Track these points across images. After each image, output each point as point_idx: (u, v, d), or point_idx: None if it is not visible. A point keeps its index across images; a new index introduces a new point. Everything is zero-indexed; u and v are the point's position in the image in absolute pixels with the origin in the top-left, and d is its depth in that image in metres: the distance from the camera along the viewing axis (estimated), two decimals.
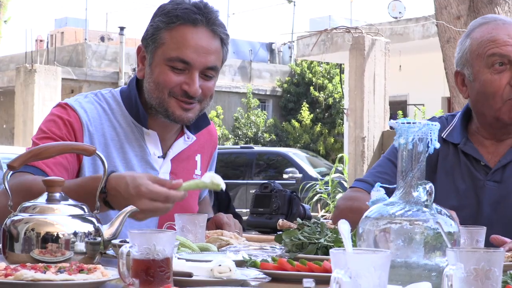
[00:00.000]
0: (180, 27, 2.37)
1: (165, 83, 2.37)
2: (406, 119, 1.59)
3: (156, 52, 2.39)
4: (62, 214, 1.83)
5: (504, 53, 2.37)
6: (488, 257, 1.30)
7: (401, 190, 1.57)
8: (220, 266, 1.65)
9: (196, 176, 2.61)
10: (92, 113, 2.43)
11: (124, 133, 2.46)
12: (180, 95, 2.38)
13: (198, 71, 2.37)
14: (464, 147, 2.49)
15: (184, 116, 2.41)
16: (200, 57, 2.36)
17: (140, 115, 2.45)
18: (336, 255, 1.26)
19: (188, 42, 2.36)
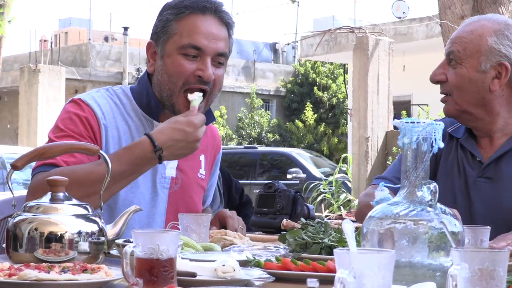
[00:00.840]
0: (190, 16, 2.43)
1: (179, 72, 2.41)
2: (410, 119, 1.59)
3: (168, 43, 2.44)
4: (66, 214, 1.83)
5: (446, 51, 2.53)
6: (493, 257, 1.30)
7: (405, 190, 1.57)
8: (224, 266, 1.65)
9: (200, 175, 2.62)
10: (105, 107, 2.46)
11: (135, 126, 2.49)
12: (193, 82, 2.41)
13: (210, 57, 2.41)
14: (464, 141, 2.54)
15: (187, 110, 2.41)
16: (211, 43, 2.41)
17: (152, 107, 2.48)
18: (340, 255, 1.26)
19: (199, 29, 2.42)
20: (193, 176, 2.60)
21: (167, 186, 2.51)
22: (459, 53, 2.46)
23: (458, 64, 2.47)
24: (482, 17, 2.54)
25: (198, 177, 2.62)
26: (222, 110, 24.64)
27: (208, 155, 2.70)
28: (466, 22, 2.54)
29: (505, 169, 2.45)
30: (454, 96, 2.48)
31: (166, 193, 2.51)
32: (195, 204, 2.61)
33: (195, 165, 2.62)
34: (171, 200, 2.52)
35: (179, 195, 2.54)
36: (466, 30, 2.49)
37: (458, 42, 2.48)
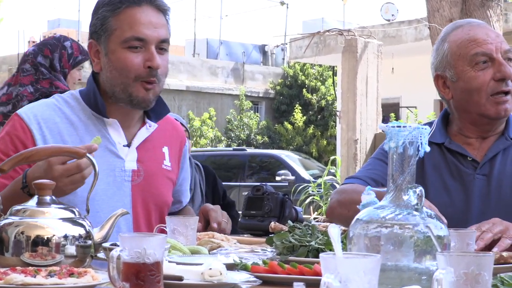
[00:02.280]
0: (126, 10, 2.47)
1: (128, 67, 2.44)
2: (396, 123, 1.59)
3: (110, 39, 2.47)
4: (53, 217, 1.83)
5: (486, 51, 2.48)
6: (478, 261, 1.31)
7: (391, 194, 1.57)
8: (210, 270, 1.66)
9: (165, 167, 2.64)
10: (44, 114, 2.48)
11: (85, 126, 2.50)
12: (145, 76, 2.45)
13: (153, 46, 2.46)
14: (449, 145, 2.57)
15: (146, 97, 2.47)
16: (152, 31, 2.46)
17: (99, 105, 2.50)
18: (326, 259, 1.26)
19: (138, 20, 2.45)
20: (157, 167, 2.60)
21: (129, 179, 2.51)
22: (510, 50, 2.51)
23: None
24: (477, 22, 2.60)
25: (163, 169, 2.62)
26: (211, 112, 24.62)
27: (173, 147, 2.71)
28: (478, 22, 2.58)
29: (499, 165, 2.52)
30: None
31: (129, 186, 2.51)
32: (163, 195, 2.62)
33: (157, 157, 2.62)
34: (136, 193, 2.52)
35: (144, 187, 2.54)
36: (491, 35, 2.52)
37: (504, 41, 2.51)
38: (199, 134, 23.81)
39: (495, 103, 2.47)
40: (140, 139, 2.57)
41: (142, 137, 2.58)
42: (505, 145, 2.54)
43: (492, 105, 2.47)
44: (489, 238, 2.08)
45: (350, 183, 2.59)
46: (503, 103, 2.47)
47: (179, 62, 25.64)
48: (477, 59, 2.48)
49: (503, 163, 2.52)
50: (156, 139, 2.63)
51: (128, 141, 2.55)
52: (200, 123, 23.99)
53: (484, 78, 2.47)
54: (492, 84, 2.46)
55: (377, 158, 2.64)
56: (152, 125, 2.60)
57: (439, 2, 8.67)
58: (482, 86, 2.47)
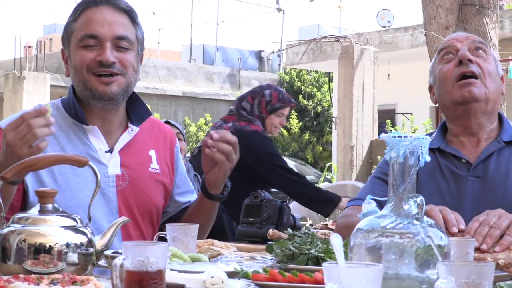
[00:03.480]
0: (84, 12, 2.51)
1: (81, 62, 2.47)
2: (397, 133, 1.61)
3: (70, 43, 2.52)
4: (55, 225, 1.84)
5: (450, 46, 2.64)
6: (479, 270, 1.32)
7: (392, 203, 1.58)
8: (212, 278, 1.66)
9: (152, 170, 2.62)
10: None
11: (65, 135, 2.51)
12: (96, 67, 2.46)
13: (108, 42, 2.47)
14: (445, 148, 2.63)
15: (107, 90, 2.47)
16: (106, 29, 2.47)
17: (77, 112, 2.51)
18: (329, 268, 1.27)
19: (92, 19, 2.49)
20: (143, 171, 2.59)
21: (113, 184, 2.51)
22: (484, 46, 2.65)
23: (485, 56, 2.62)
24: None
25: (151, 172, 2.61)
26: (207, 118, 24.62)
27: (161, 150, 2.69)
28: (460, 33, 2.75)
29: (493, 168, 2.55)
30: (485, 80, 2.58)
31: (114, 192, 2.51)
32: (151, 199, 2.60)
33: (143, 161, 2.61)
34: (122, 198, 2.52)
35: (130, 192, 2.54)
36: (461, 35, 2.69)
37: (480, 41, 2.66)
38: (195, 140, 23.81)
39: (459, 87, 2.57)
40: (122, 143, 2.57)
41: (124, 141, 2.58)
42: (498, 147, 2.58)
43: (457, 90, 2.58)
44: (497, 236, 2.09)
45: (353, 205, 2.64)
46: (467, 85, 2.56)
47: (175, 68, 25.65)
48: (442, 54, 2.65)
49: (497, 165, 2.56)
50: (141, 142, 2.62)
51: (111, 147, 2.55)
52: (196, 129, 23.98)
53: (448, 66, 2.61)
54: (455, 70, 2.59)
55: (376, 177, 2.70)
56: (134, 129, 2.60)
57: (435, 10, 8.70)
58: (447, 73, 2.61)
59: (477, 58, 2.60)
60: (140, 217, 2.56)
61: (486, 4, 8.33)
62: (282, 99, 5.12)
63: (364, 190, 2.71)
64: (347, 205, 2.69)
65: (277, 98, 5.11)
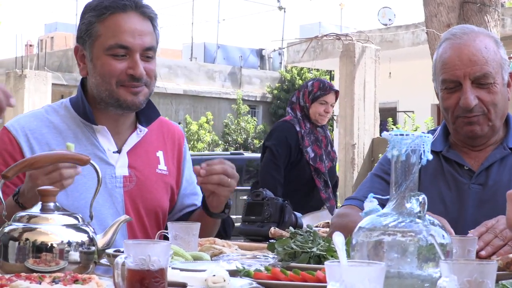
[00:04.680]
0: (111, 17, 2.46)
1: (110, 72, 2.44)
2: (399, 131, 1.60)
3: (94, 45, 2.47)
4: (56, 224, 1.84)
5: (453, 79, 2.47)
6: (481, 269, 1.32)
7: (394, 201, 1.58)
8: (214, 276, 1.66)
9: (160, 171, 2.62)
10: (31, 126, 2.49)
11: (73, 134, 2.50)
12: (126, 80, 2.45)
13: (138, 54, 2.45)
14: (447, 154, 2.57)
15: (135, 100, 2.47)
16: (137, 39, 2.44)
17: (87, 112, 2.50)
18: (331, 267, 1.27)
19: (122, 28, 2.44)
20: (151, 172, 2.59)
21: (120, 185, 2.51)
22: (491, 73, 2.46)
23: (491, 84, 2.47)
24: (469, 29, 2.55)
25: (158, 173, 2.61)
26: (208, 116, 24.63)
27: (168, 151, 2.69)
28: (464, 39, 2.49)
29: (495, 175, 2.52)
30: (490, 114, 2.48)
31: (121, 192, 2.51)
32: (157, 200, 2.60)
33: (151, 162, 2.61)
34: (129, 199, 2.52)
35: (137, 193, 2.54)
36: (479, 48, 2.47)
37: (484, 63, 2.46)
38: (196, 138, 23.81)
39: (463, 123, 2.50)
40: (130, 144, 2.56)
41: (133, 142, 2.57)
42: (502, 154, 2.53)
43: (461, 126, 2.50)
44: (499, 246, 2.09)
45: (349, 205, 2.60)
46: (470, 124, 2.48)
47: (176, 66, 25.66)
48: (445, 84, 2.50)
49: (499, 172, 2.52)
50: (149, 143, 2.62)
51: (119, 147, 2.55)
52: (197, 127, 23.99)
53: (451, 101, 2.49)
54: (458, 108, 2.48)
55: (376, 174, 2.66)
56: (143, 129, 2.60)
57: (436, 8, 8.70)
58: (450, 108, 2.50)
59: (481, 92, 2.47)
60: (147, 218, 2.56)
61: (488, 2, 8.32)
62: (323, 87, 5.59)
63: (362, 188, 2.67)
64: (343, 204, 2.66)
65: (318, 87, 5.60)
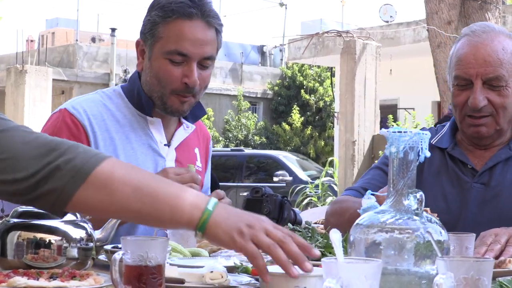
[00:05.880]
0: (176, 21, 2.44)
1: (167, 78, 2.45)
2: (397, 128, 1.60)
3: (155, 46, 2.47)
4: (55, 220, 1.84)
5: (465, 76, 2.46)
6: (478, 266, 1.32)
7: (392, 198, 1.58)
8: (212, 273, 1.67)
9: (197, 167, 2.66)
10: (92, 110, 2.49)
11: (129, 123, 2.53)
12: (181, 90, 2.46)
13: (195, 62, 2.45)
14: (452, 151, 2.57)
15: (180, 108, 2.50)
16: (197, 48, 2.44)
17: (143, 104, 2.52)
18: (328, 264, 1.27)
19: (185, 35, 2.43)
20: None
21: None
22: (504, 77, 2.44)
23: (502, 87, 2.45)
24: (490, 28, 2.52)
25: (196, 169, 2.65)
26: (209, 112, 24.64)
27: (201, 148, 2.76)
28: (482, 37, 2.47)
29: (499, 176, 2.51)
30: (498, 117, 2.47)
31: None
32: None
33: (192, 158, 2.67)
34: None
35: None
36: (496, 49, 2.44)
37: (499, 65, 2.43)
38: None
39: (469, 124, 2.49)
40: (179, 139, 2.62)
41: (181, 137, 2.63)
42: (508, 155, 2.52)
43: (468, 126, 2.50)
44: (498, 249, 2.09)
45: (345, 195, 2.62)
46: (476, 126, 2.48)
47: None
48: (457, 81, 2.49)
49: (503, 173, 2.51)
50: (190, 140, 2.68)
51: (167, 140, 2.60)
52: None
53: (461, 99, 2.48)
54: (466, 106, 2.47)
55: (378, 167, 2.67)
56: (190, 126, 2.65)
57: (437, 5, 8.70)
58: (459, 105, 2.50)
59: (491, 93, 2.45)
60: None
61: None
62: None
63: (362, 179, 2.69)
64: (343, 194, 2.67)
65: None
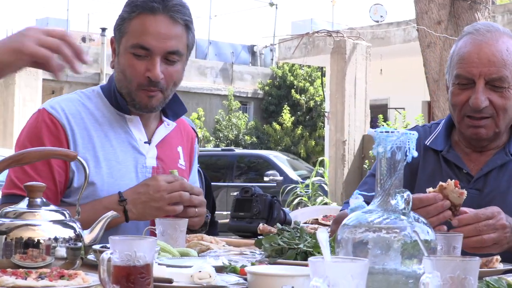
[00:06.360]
0: (139, 16, 2.47)
1: (131, 72, 2.47)
2: (384, 128, 1.61)
3: (121, 41, 2.50)
4: (43, 220, 1.84)
5: (467, 76, 2.40)
6: (464, 265, 1.33)
7: (379, 198, 1.59)
8: (200, 272, 1.67)
9: (180, 166, 2.68)
10: (71, 109, 2.51)
11: (108, 122, 2.55)
12: (146, 85, 2.47)
13: (159, 57, 2.46)
14: (447, 154, 2.51)
15: (149, 104, 2.50)
16: (160, 43, 2.45)
17: (119, 103, 2.54)
18: (314, 263, 1.28)
19: (147, 29, 2.45)
20: (174, 166, 2.64)
21: (149, 175, 2.55)
22: (507, 78, 2.38)
23: (505, 88, 2.39)
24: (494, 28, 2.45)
25: (179, 167, 2.66)
26: (200, 112, 24.60)
27: (185, 147, 2.76)
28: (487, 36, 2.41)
29: (493, 181, 2.45)
30: (498, 118, 2.41)
31: None
32: None
33: (174, 156, 2.68)
34: None
35: None
36: (500, 49, 2.39)
37: (502, 66, 2.37)
38: None
39: (468, 125, 2.43)
40: (159, 136, 2.63)
41: (162, 135, 2.63)
42: (503, 160, 2.46)
43: (466, 127, 2.44)
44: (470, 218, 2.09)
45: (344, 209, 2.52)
46: (476, 127, 2.42)
47: None
48: (458, 79, 2.42)
49: (498, 179, 2.45)
50: (172, 138, 2.68)
51: (148, 138, 2.60)
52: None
53: (461, 98, 2.42)
54: (466, 106, 2.41)
55: (373, 174, 2.56)
56: (171, 123, 2.66)
57: (427, 5, 8.72)
58: (458, 105, 2.43)
59: (493, 94, 2.39)
60: None
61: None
62: None
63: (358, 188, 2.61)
64: (341, 208, 2.62)
65: None
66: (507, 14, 14.61)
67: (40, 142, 2.41)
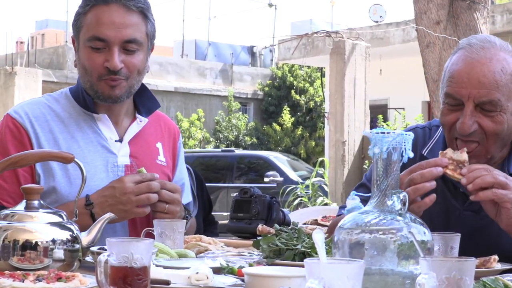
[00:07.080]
0: (93, 8, 2.47)
1: (90, 65, 2.47)
2: (380, 129, 1.61)
3: (79, 37, 2.51)
4: (41, 222, 1.84)
5: (456, 96, 2.22)
6: (460, 266, 1.33)
7: (375, 199, 1.59)
8: (197, 274, 1.67)
9: (160, 162, 2.65)
10: (34, 113, 2.50)
11: (75, 123, 2.53)
12: (105, 75, 2.46)
13: (116, 46, 2.45)
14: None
15: (112, 94, 2.48)
16: (115, 32, 2.44)
17: (86, 101, 2.53)
18: (310, 264, 1.28)
19: (101, 20, 2.45)
20: (151, 162, 2.61)
21: (122, 174, 2.52)
22: (500, 101, 2.19)
23: (497, 112, 2.20)
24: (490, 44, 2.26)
25: (158, 164, 2.64)
26: (200, 113, 24.61)
27: (166, 143, 2.73)
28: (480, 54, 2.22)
29: None
30: (488, 144, 2.23)
31: None
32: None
33: (151, 152, 2.64)
34: None
35: None
36: (493, 69, 2.19)
37: (494, 88, 2.18)
38: (188, 135, 23.79)
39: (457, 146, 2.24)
40: (131, 134, 2.59)
41: (134, 132, 2.60)
42: None
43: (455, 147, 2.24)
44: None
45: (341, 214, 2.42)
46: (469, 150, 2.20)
47: (167, 63, 25.62)
48: (447, 99, 2.26)
49: None
50: (149, 134, 2.65)
51: (120, 137, 2.57)
52: (189, 124, 23.97)
53: (450, 118, 2.26)
54: (455, 128, 2.24)
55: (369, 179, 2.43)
56: (143, 120, 2.63)
57: (426, 5, 8.71)
58: (447, 125, 2.27)
59: (483, 119, 2.21)
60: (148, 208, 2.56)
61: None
62: None
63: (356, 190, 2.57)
64: (337, 213, 2.58)
65: None
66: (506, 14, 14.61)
67: (4, 147, 2.43)
